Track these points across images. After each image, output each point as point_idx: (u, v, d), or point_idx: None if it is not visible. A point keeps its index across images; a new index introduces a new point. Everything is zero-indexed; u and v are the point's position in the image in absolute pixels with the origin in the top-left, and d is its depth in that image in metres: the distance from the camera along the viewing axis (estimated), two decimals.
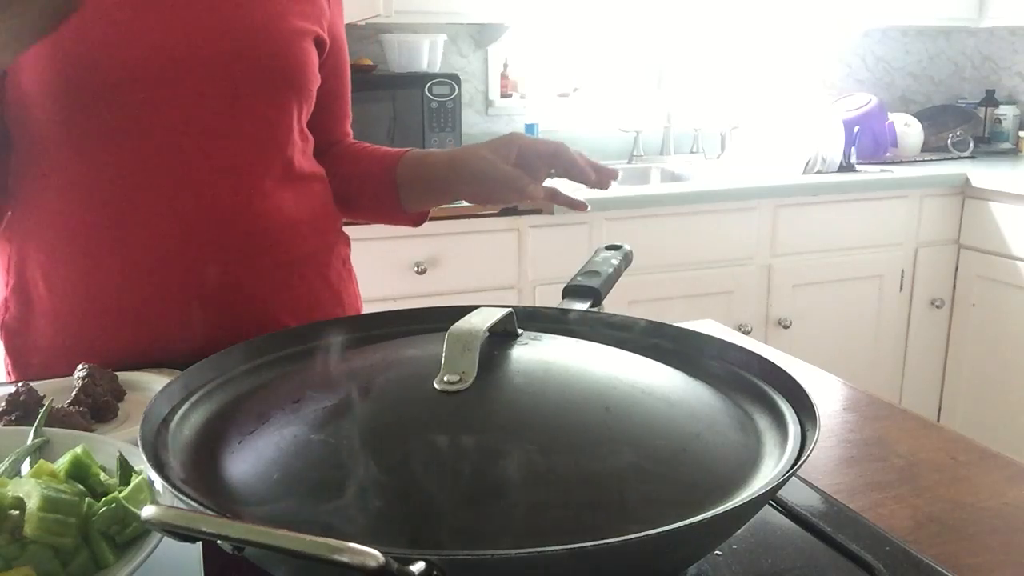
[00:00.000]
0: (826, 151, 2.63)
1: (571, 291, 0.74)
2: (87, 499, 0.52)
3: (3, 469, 0.59)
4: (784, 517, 0.62)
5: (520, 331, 0.61)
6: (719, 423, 0.54)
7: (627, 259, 0.82)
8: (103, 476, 0.56)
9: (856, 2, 2.83)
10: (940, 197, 2.69)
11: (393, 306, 0.75)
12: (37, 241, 0.91)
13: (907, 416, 0.84)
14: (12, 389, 0.74)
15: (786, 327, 2.56)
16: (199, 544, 0.52)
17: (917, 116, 3.10)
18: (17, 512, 0.49)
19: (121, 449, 0.59)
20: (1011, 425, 2.61)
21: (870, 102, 2.90)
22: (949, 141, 3.02)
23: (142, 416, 0.53)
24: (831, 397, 0.89)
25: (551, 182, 0.93)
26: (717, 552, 0.57)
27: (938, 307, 2.75)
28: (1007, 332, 2.62)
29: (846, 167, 2.67)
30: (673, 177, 2.82)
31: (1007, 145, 3.20)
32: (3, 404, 0.73)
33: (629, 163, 2.90)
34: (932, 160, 2.93)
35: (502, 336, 0.59)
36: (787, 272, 2.56)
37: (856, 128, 2.76)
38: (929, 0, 2.90)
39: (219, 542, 0.39)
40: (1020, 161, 2.98)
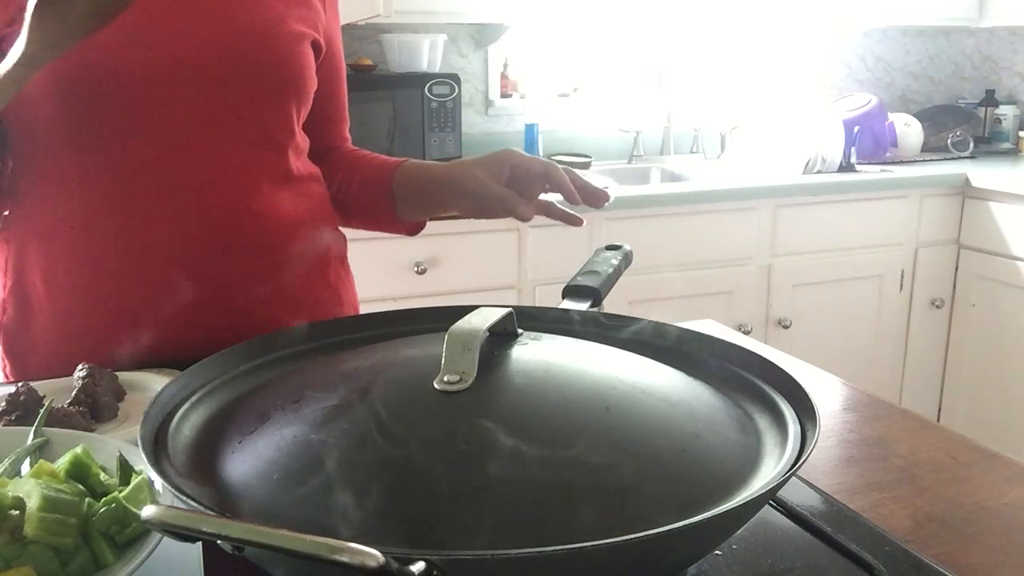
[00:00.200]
0: (826, 151, 2.63)
1: (571, 291, 0.75)
2: (87, 499, 0.52)
3: (3, 469, 0.59)
4: (784, 517, 0.62)
5: (520, 331, 0.61)
6: (719, 423, 0.54)
7: (627, 259, 0.82)
8: (103, 476, 0.56)
9: (856, 2, 2.83)
10: (940, 197, 2.69)
11: (393, 306, 0.75)
12: (35, 242, 0.91)
13: (907, 416, 0.84)
14: (12, 389, 0.74)
15: (786, 327, 2.56)
16: (199, 544, 0.52)
17: (917, 116, 3.10)
18: (17, 512, 0.49)
19: (121, 449, 0.59)
20: (1011, 425, 2.61)
21: (870, 102, 2.90)
22: (949, 141, 3.02)
23: (142, 416, 0.53)
24: (831, 397, 0.89)
25: (549, 196, 0.94)
26: (717, 552, 0.57)
27: (938, 307, 2.75)
28: (1007, 332, 2.62)
29: (846, 167, 2.67)
30: (673, 177, 2.82)
31: (1007, 145, 3.20)
32: (3, 404, 0.73)
33: (629, 163, 2.90)
34: (932, 160, 2.93)
35: (502, 336, 0.59)
36: (787, 272, 2.56)
37: (856, 128, 2.76)
38: (929, 0, 2.90)
39: (219, 542, 0.39)
40: (1020, 161, 2.98)
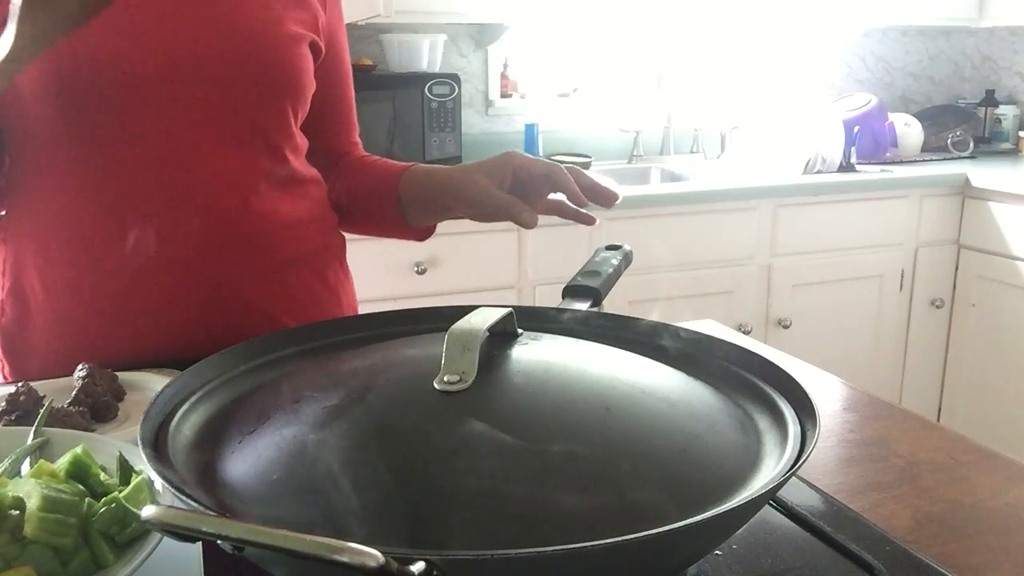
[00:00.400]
0: (826, 151, 2.63)
1: (571, 291, 0.74)
2: (87, 499, 0.52)
3: (3, 469, 0.59)
4: (784, 517, 0.62)
5: (520, 331, 0.61)
6: (719, 423, 0.54)
7: (627, 259, 0.82)
8: (103, 476, 0.56)
9: (856, 2, 2.83)
10: (940, 197, 2.69)
11: (393, 306, 0.75)
12: (33, 243, 0.90)
13: (907, 416, 0.84)
14: (12, 389, 0.74)
15: (786, 327, 2.56)
16: (199, 544, 0.52)
17: (917, 116, 3.10)
18: (17, 512, 0.49)
19: (121, 449, 0.59)
20: (1011, 425, 2.61)
21: (870, 102, 2.90)
22: (949, 141, 3.02)
23: (142, 416, 0.53)
24: (831, 397, 0.89)
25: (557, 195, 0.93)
26: (717, 552, 0.57)
27: (938, 307, 2.75)
28: (1007, 332, 2.62)
29: (846, 167, 2.67)
30: (673, 177, 2.82)
31: (1007, 145, 3.20)
32: (3, 404, 0.73)
33: (629, 163, 2.90)
34: (932, 160, 2.93)
35: (502, 336, 0.59)
36: (787, 272, 2.56)
37: (856, 128, 2.76)
38: (929, 0, 2.90)
39: (219, 542, 0.39)
40: (1020, 161, 2.98)
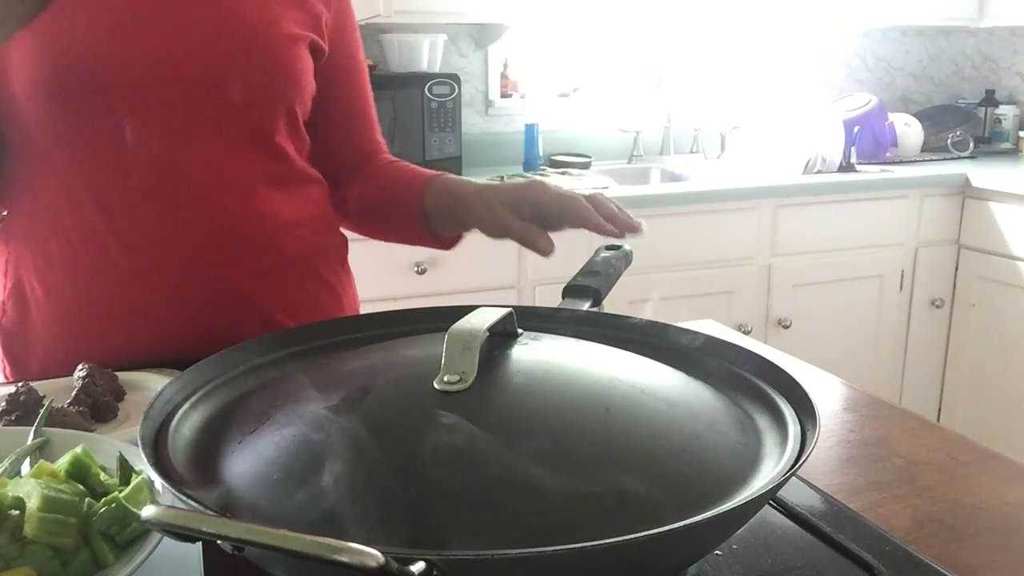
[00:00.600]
0: (826, 151, 2.63)
1: (571, 291, 0.75)
2: (87, 499, 0.52)
3: (3, 469, 0.59)
4: (784, 517, 0.62)
5: (520, 331, 0.61)
6: (719, 423, 0.54)
7: (627, 259, 0.83)
8: (103, 476, 0.56)
9: (856, 2, 2.83)
10: (940, 197, 2.69)
11: (393, 306, 0.75)
12: (32, 243, 0.90)
13: (907, 416, 0.84)
14: (12, 389, 0.74)
15: (786, 327, 2.56)
16: (199, 544, 0.52)
17: (917, 116, 3.09)
18: (17, 512, 0.49)
19: (121, 449, 0.59)
20: (1011, 425, 2.61)
21: (870, 102, 2.90)
22: (949, 141, 3.02)
23: (142, 416, 0.53)
24: (831, 397, 0.89)
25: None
26: (717, 552, 0.57)
27: (938, 307, 2.75)
28: (1007, 332, 2.62)
29: (846, 167, 2.67)
30: (673, 177, 2.82)
31: (1007, 145, 3.20)
32: (3, 404, 0.73)
33: (629, 163, 2.90)
34: (932, 160, 2.93)
35: (502, 336, 0.59)
36: (787, 272, 2.56)
37: (856, 128, 2.76)
38: (929, 0, 2.90)
39: (219, 542, 0.39)
40: (1020, 161, 2.98)
